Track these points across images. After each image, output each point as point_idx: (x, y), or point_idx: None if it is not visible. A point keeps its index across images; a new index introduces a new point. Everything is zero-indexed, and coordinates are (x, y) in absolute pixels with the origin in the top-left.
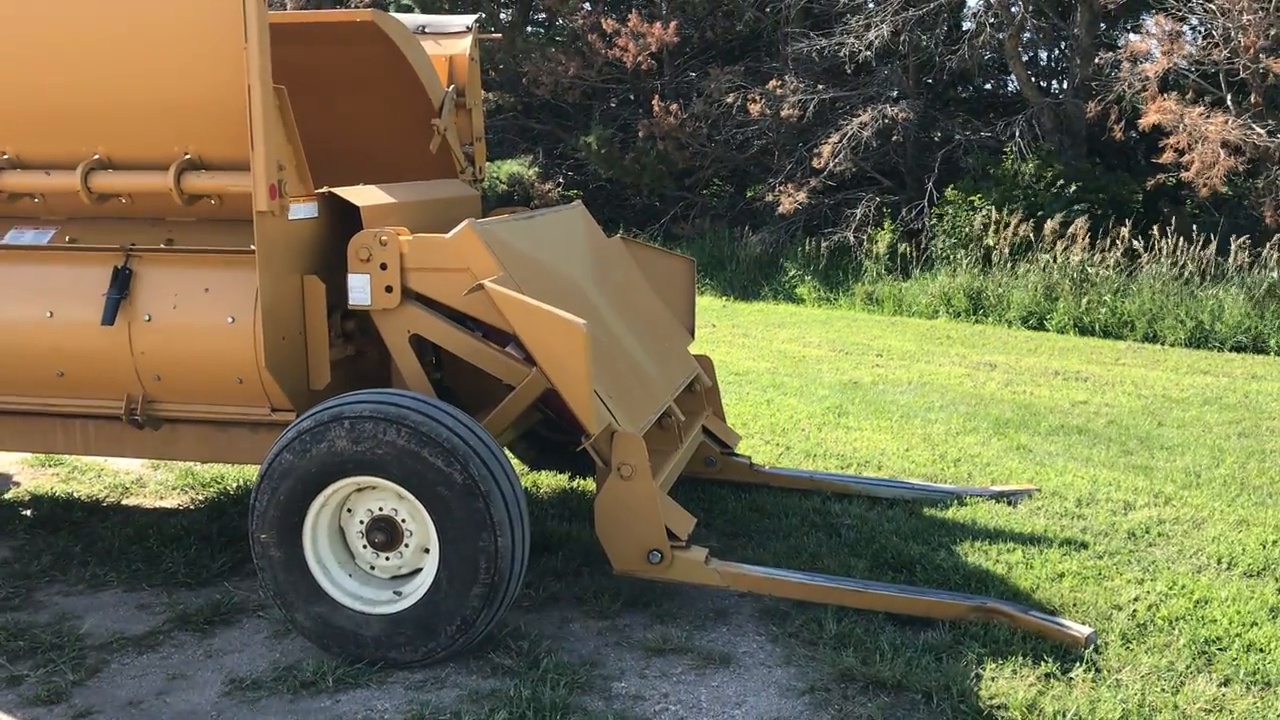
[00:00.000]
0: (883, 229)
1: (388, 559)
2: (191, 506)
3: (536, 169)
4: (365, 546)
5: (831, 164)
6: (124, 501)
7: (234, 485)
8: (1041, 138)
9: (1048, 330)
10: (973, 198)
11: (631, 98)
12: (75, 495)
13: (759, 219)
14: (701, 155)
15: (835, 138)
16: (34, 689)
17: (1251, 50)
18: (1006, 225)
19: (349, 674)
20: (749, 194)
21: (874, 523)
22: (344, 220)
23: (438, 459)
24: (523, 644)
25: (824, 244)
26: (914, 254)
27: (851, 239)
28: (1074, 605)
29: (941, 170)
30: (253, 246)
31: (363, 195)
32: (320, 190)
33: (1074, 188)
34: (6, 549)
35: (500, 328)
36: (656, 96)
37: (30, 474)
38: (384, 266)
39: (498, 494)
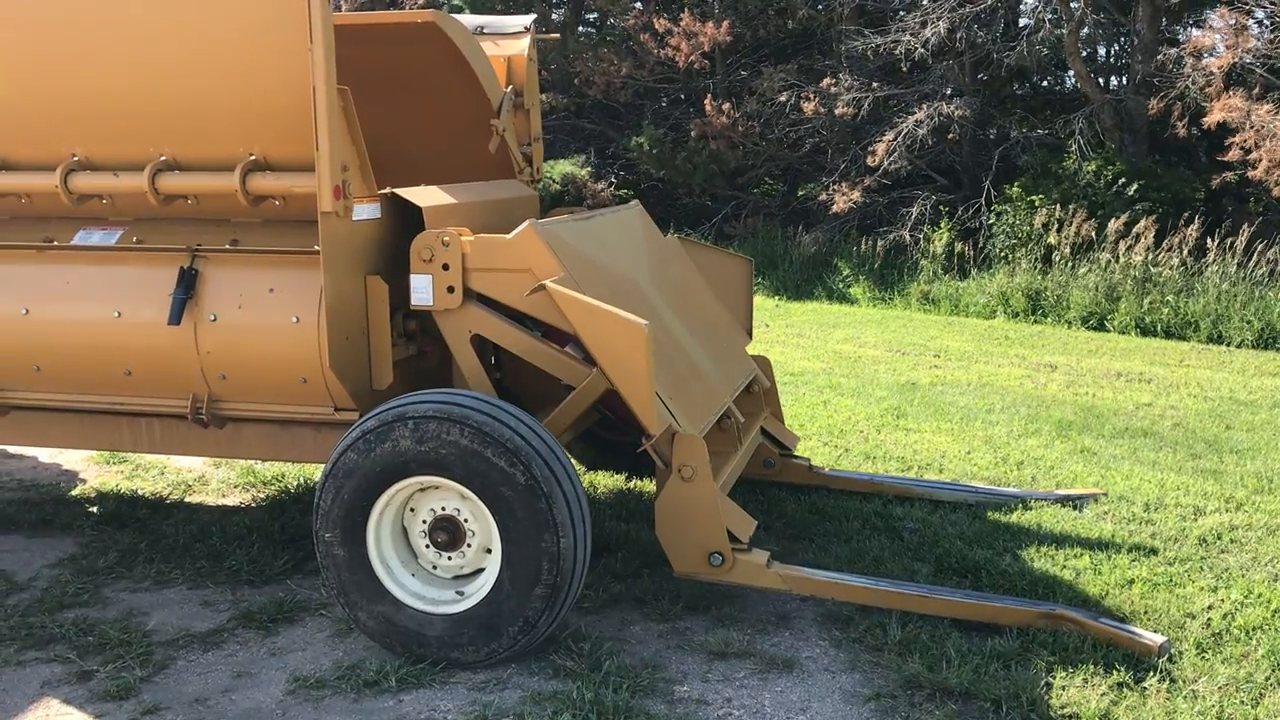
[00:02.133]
0: (939, 228)
1: (450, 559)
2: (253, 504)
3: (589, 169)
4: (428, 546)
5: (886, 162)
6: (187, 499)
7: (294, 484)
8: (1102, 135)
9: (1109, 331)
10: (1033, 197)
11: (683, 97)
12: (140, 492)
13: (812, 218)
14: (754, 154)
15: (890, 136)
16: (103, 684)
17: None
18: (1069, 224)
19: (411, 674)
20: (801, 193)
21: (937, 527)
22: (406, 221)
23: (501, 459)
24: (584, 645)
25: (879, 243)
26: (971, 253)
27: (907, 238)
28: (1145, 613)
29: (998, 169)
30: (317, 247)
31: (425, 196)
32: (383, 191)
33: (1135, 186)
34: (74, 545)
35: (559, 328)
36: (709, 95)
37: (96, 471)
38: (446, 267)
39: (560, 495)
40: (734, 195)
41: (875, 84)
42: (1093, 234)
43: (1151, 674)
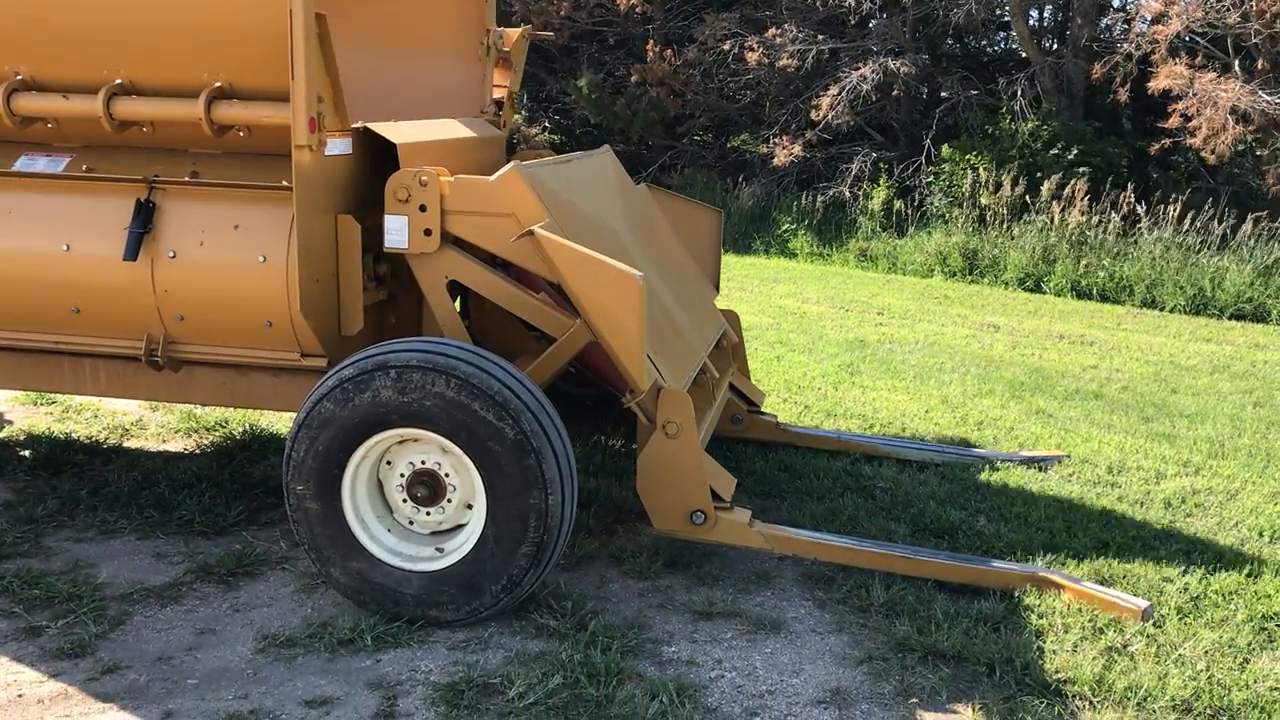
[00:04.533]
0: (878, 185)
1: (428, 514)
2: (198, 451)
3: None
4: (405, 501)
5: (830, 116)
6: (125, 444)
7: (239, 429)
8: (1042, 98)
9: (1045, 293)
10: (969, 156)
11: (612, 42)
12: (74, 436)
13: (749, 170)
14: (694, 104)
15: (834, 90)
16: (56, 641)
17: (1266, 15)
18: (1002, 184)
19: (387, 632)
20: (736, 143)
21: (908, 486)
22: (378, 158)
23: (489, 413)
24: (566, 604)
25: (819, 199)
26: (909, 211)
27: (847, 194)
28: (1124, 577)
29: (939, 128)
30: (286, 182)
31: (400, 132)
32: (356, 125)
33: (1074, 151)
34: (8, 491)
35: (537, 276)
36: (651, 41)
37: (22, 413)
38: (423, 208)
39: (549, 450)
40: (671, 145)
41: (820, 37)
42: (1026, 196)
43: (1138, 638)
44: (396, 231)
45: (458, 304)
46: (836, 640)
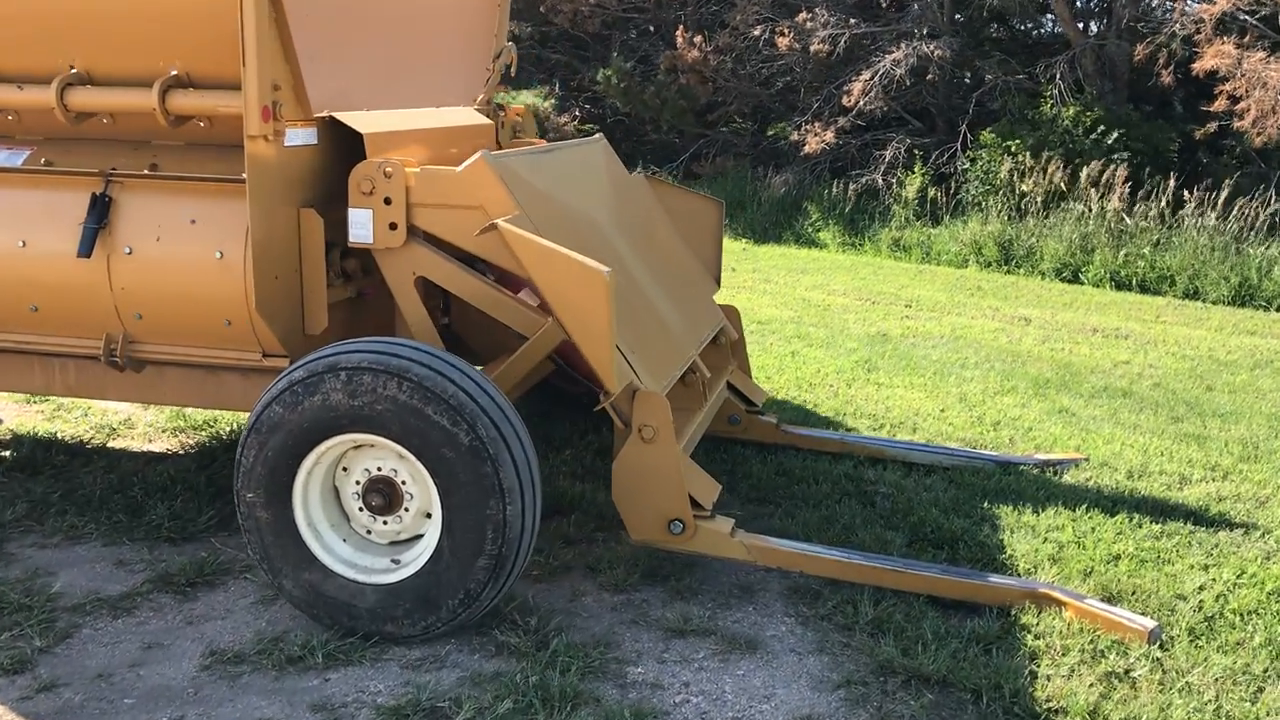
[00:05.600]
0: (912, 172)
1: (385, 523)
2: (181, 451)
3: (553, 101)
4: (361, 509)
5: (862, 102)
6: (110, 444)
7: (227, 429)
8: (1082, 81)
9: (1083, 284)
10: (1009, 143)
11: (652, 29)
12: (59, 436)
13: (783, 159)
14: (725, 91)
15: (867, 75)
16: None
17: None
18: (1041, 171)
19: (340, 649)
20: (771, 132)
21: (911, 492)
22: (347, 149)
23: (442, 418)
24: (530, 620)
25: (850, 187)
26: (944, 199)
27: (879, 182)
28: (1133, 593)
29: (976, 113)
30: (244, 175)
31: (368, 121)
32: (321, 114)
33: (1115, 135)
34: None
35: (515, 272)
36: (681, 27)
37: (15, 411)
38: (388, 201)
39: (507, 457)
40: (703, 133)
41: (853, 20)
42: (1063, 184)
43: (1142, 662)
44: (360, 226)
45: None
46: (815, 662)
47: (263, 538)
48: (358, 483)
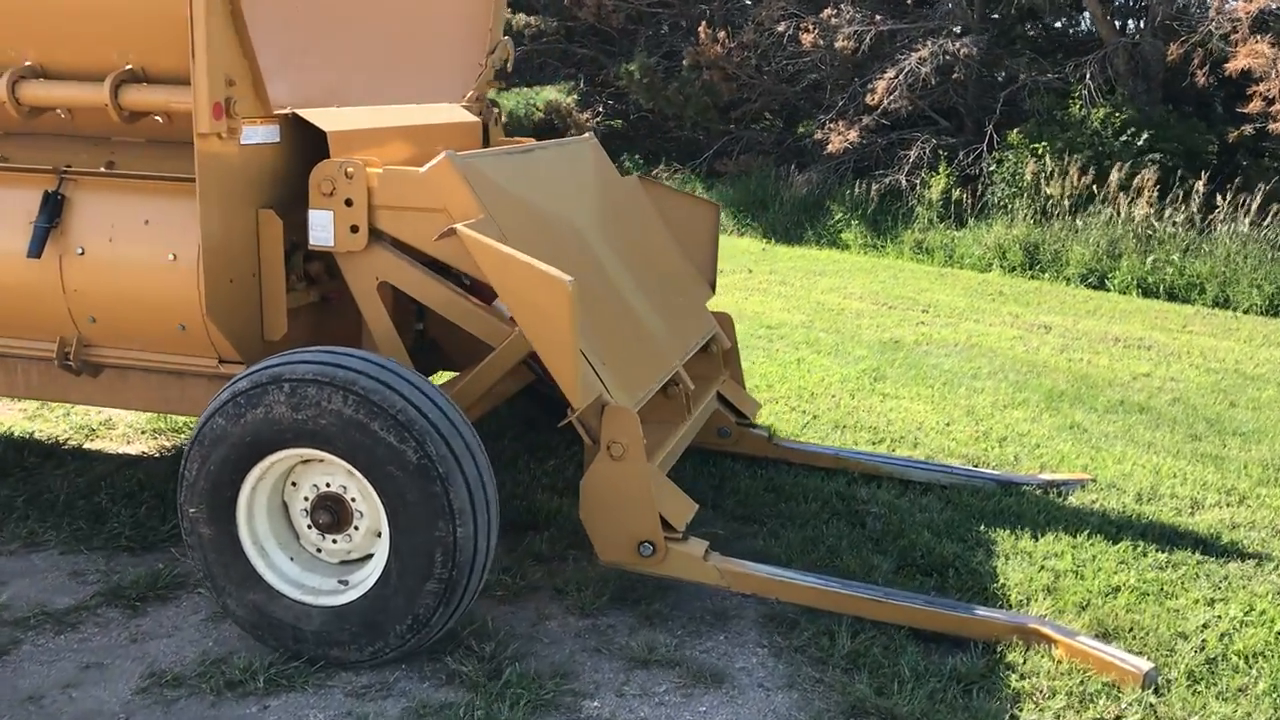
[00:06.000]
0: (937, 173)
1: (335, 542)
2: (156, 455)
3: (575, 97)
4: (310, 526)
5: (886, 101)
6: (87, 445)
7: None
8: (1114, 81)
9: (1109, 290)
10: (1035, 145)
11: (683, 24)
12: (35, 436)
13: (807, 158)
14: (749, 88)
15: (891, 73)
16: None
17: None
18: (1066, 174)
19: (284, 673)
20: (801, 130)
21: (904, 512)
22: (314, 148)
23: (389, 434)
24: (487, 646)
25: (874, 187)
26: (969, 201)
27: (903, 182)
28: (1130, 630)
29: (1003, 113)
30: None
31: (334, 118)
32: (283, 111)
33: (1145, 136)
34: None
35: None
36: (704, 23)
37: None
38: (349, 203)
39: (459, 476)
40: (727, 130)
41: (879, 17)
42: (1093, 186)
43: (1134, 709)
44: (321, 228)
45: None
46: (784, 699)
47: (206, 555)
48: (306, 499)
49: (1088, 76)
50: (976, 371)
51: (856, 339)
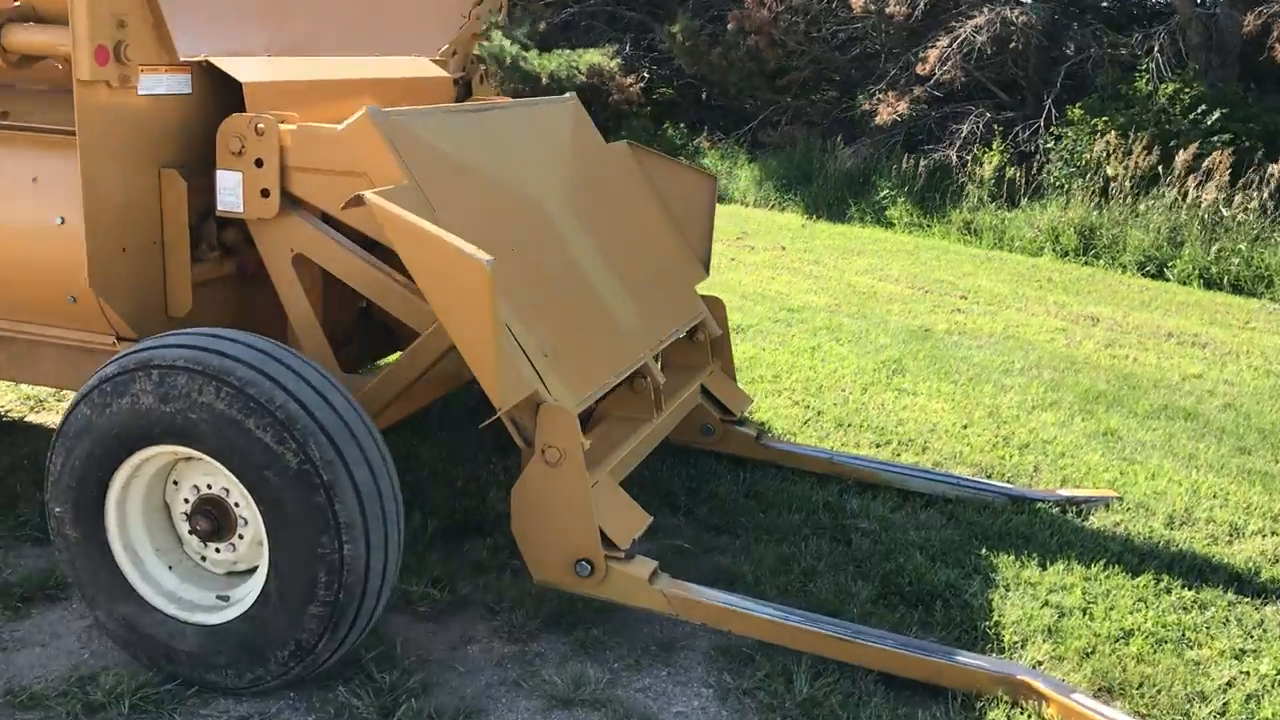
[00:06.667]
0: (991, 149)
1: (218, 551)
2: None
3: (619, 61)
4: (191, 532)
5: (938, 71)
6: (29, 418)
7: None
8: (1185, 54)
9: (1168, 280)
10: (1097, 120)
11: None
12: None
13: (857, 130)
14: (797, 55)
15: (944, 41)
16: None
17: None
18: (1130, 154)
19: (154, 697)
20: (855, 99)
21: (898, 529)
22: (231, 101)
23: (266, 433)
24: (388, 675)
25: (923, 162)
26: (1023, 180)
27: (954, 158)
28: (1139, 686)
29: (1065, 86)
30: None
31: (255, 68)
32: (194, 59)
33: (1217, 115)
34: None
35: None
36: None
37: None
38: (259, 163)
39: (347, 486)
40: (774, 99)
41: None
42: (1157, 168)
43: None
44: (229, 191)
45: None
46: None
47: (74, 560)
48: (186, 501)
49: (1156, 49)
50: (1008, 366)
51: (883, 326)
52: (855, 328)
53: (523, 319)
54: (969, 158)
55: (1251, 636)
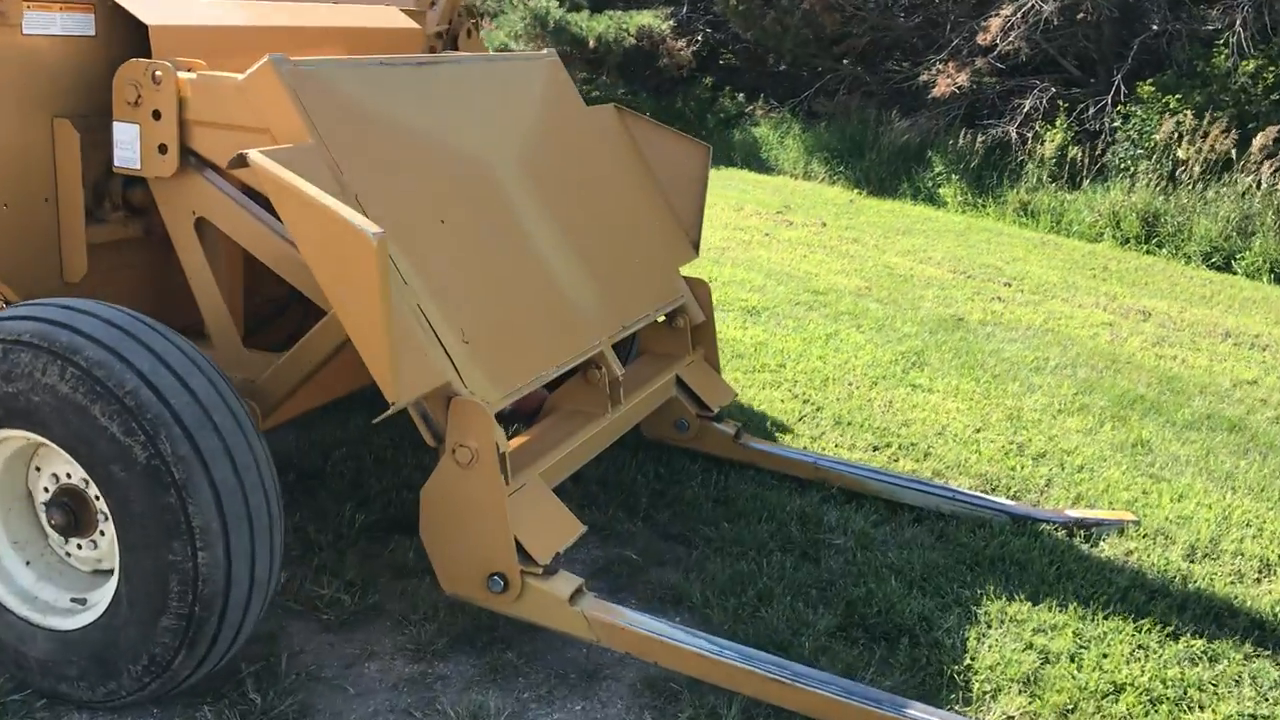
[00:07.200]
0: (1053, 126)
1: (80, 546)
2: None
3: (672, 23)
4: (51, 524)
5: (1000, 42)
6: None
7: None
8: (1270, 29)
9: (1234, 273)
10: (1169, 98)
11: None
12: None
13: (915, 101)
14: (856, 20)
15: (1008, 10)
16: None
17: None
18: (1205, 135)
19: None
20: (917, 70)
21: (876, 548)
22: (140, 45)
23: (113, 422)
24: (260, 697)
25: (980, 138)
26: (1086, 161)
27: (1014, 135)
28: None
29: (1137, 62)
30: None
31: (167, 9)
32: None
33: None
34: None
35: None
36: None
37: None
38: (157, 115)
39: (204, 485)
40: (833, 67)
41: None
42: (1232, 152)
43: None
44: (125, 145)
45: None
46: None
47: None
48: (46, 490)
49: (1238, 23)
50: (1041, 363)
51: (911, 313)
52: (881, 314)
53: (441, 300)
54: (1029, 135)
55: (1266, 700)
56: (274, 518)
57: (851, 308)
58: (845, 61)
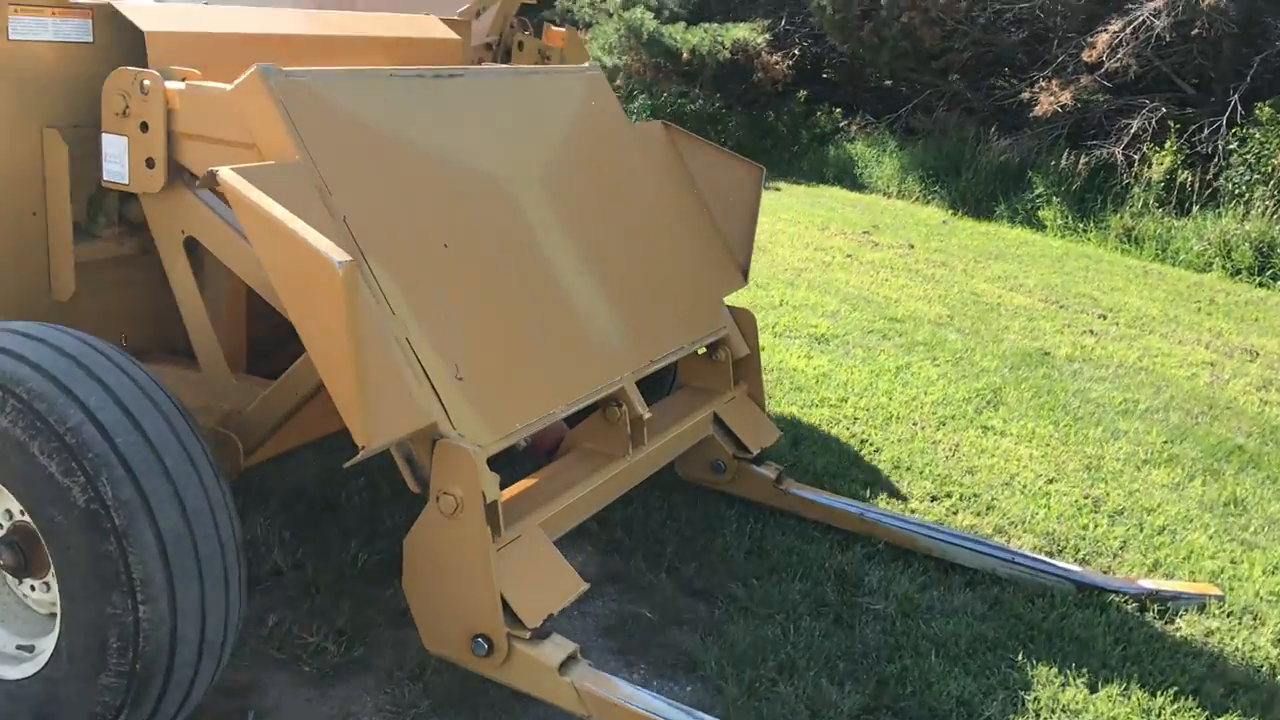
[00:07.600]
0: (1163, 148)
1: (33, 589)
2: None
3: (768, 36)
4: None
5: (1107, 60)
6: None
7: None
8: None
9: None
10: None
11: None
12: None
13: (1018, 119)
14: (957, 35)
15: (1117, 25)
16: None
17: None
18: None
19: None
20: (1020, 87)
21: (919, 615)
22: (139, 54)
23: (52, 461)
24: None
25: (1083, 159)
26: (1196, 185)
27: (1120, 157)
28: None
29: (1257, 80)
30: None
31: (171, 15)
32: (95, 1)
33: None
34: None
35: None
36: None
37: None
38: (145, 127)
39: (147, 532)
40: (933, 83)
41: None
42: None
43: None
44: (114, 158)
45: None
46: None
47: None
48: (1, 527)
49: None
50: (1130, 406)
51: (993, 346)
52: (959, 345)
53: (435, 332)
54: (1136, 157)
55: None
56: (230, 569)
57: (929, 338)
58: (951, 77)
